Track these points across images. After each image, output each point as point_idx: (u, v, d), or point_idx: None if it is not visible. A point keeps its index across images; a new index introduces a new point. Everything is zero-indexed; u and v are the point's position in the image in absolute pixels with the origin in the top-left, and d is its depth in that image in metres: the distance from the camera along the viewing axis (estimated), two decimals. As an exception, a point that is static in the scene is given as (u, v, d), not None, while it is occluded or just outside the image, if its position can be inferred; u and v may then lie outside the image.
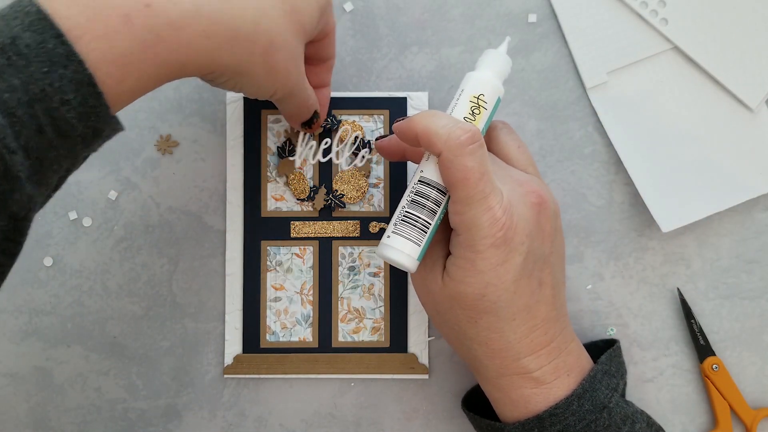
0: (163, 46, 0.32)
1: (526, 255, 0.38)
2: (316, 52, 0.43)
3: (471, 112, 0.39)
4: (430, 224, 0.39)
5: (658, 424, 0.42)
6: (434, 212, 0.39)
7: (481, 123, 0.39)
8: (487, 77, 0.40)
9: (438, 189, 0.39)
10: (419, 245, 0.38)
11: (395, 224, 0.39)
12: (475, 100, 0.39)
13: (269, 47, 0.36)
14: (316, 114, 0.44)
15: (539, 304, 0.39)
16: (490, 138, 0.43)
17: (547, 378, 0.40)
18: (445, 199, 0.39)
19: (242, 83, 0.37)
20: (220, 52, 0.34)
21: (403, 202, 0.39)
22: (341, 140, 0.48)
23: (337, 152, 0.48)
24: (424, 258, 0.40)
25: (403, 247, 0.38)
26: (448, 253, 0.39)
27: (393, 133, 0.41)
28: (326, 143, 0.47)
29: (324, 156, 0.48)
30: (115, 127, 0.33)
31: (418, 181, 0.39)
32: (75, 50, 0.30)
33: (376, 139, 0.46)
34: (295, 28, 0.37)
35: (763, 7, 0.48)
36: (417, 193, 0.39)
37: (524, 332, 0.39)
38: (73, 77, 0.30)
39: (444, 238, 0.40)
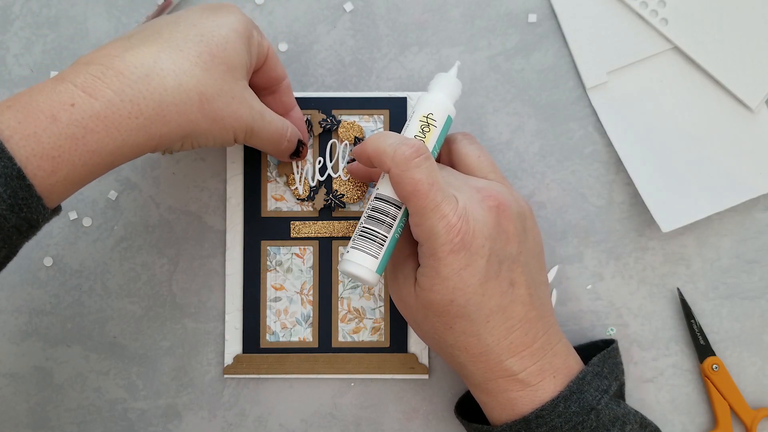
0: (91, 136, 0.34)
1: (488, 257, 0.38)
2: (265, 79, 0.44)
3: (421, 131, 0.41)
4: (387, 237, 0.40)
5: (654, 425, 0.42)
6: (390, 226, 0.40)
7: (431, 140, 0.41)
8: (437, 98, 0.42)
9: (393, 204, 0.40)
10: (377, 258, 0.40)
11: (354, 240, 0.40)
12: (425, 119, 0.41)
13: (203, 101, 0.37)
14: (300, 143, 0.45)
15: (514, 304, 0.40)
16: (450, 151, 0.44)
17: (532, 380, 0.40)
18: (401, 213, 0.40)
19: (197, 141, 0.39)
20: (153, 126, 0.36)
21: (361, 218, 0.40)
22: (334, 150, 0.48)
23: (333, 165, 0.48)
24: (398, 273, 0.42)
25: (362, 261, 0.40)
26: (418, 266, 0.40)
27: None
28: (320, 162, 0.48)
29: (322, 174, 0.48)
30: (50, 217, 0.35)
31: (374, 197, 0.40)
32: (5, 147, 0.32)
33: (347, 163, 0.48)
34: (223, 71, 0.38)
35: (763, 7, 0.48)
36: (373, 209, 0.40)
37: (502, 334, 0.40)
38: (3, 172, 0.32)
39: (413, 253, 0.41)
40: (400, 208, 0.40)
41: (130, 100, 0.35)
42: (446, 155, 0.45)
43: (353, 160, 0.47)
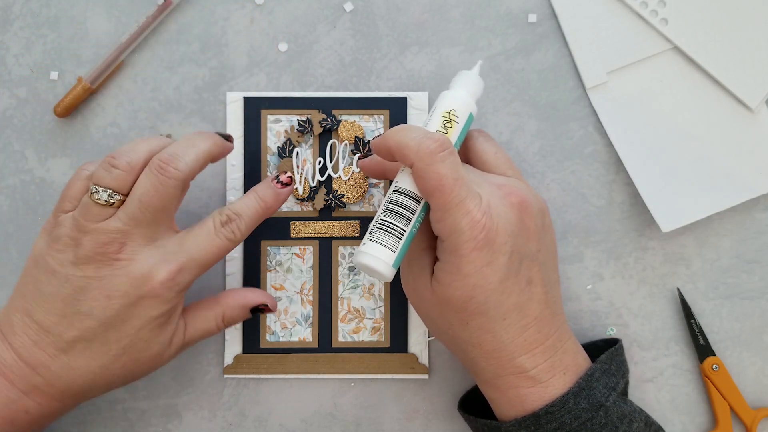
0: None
1: (510, 255, 0.38)
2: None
3: (443, 126, 0.41)
4: (405, 231, 0.39)
5: (657, 423, 0.42)
6: (409, 220, 0.39)
7: (453, 137, 0.41)
8: (459, 95, 0.42)
9: (412, 197, 0.39)
10: (394, 252, 0.39)
11: (371, 232, 0.39)
12: (447, 115, 0.41)
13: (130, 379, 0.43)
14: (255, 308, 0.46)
15: (530, 302, 0.40)
16: (467, 148, 0.44)
17: (542, 377, 0.40)
18: (420, 207, 0.40)
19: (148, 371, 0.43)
20: (70, 403, 0.42)
21: (379, 211, 0.40)
22: (334, 150, 0.48)
23: (334, 166, 0.48)
24: (413, 266, 0.41)
25: (379, 253, 0.39)
26: (435, 260, 0.40)
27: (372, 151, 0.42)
28: (320, 162, 0.48)
29: (322, 174, 0.48)
30: None
31: (393, 190, 0.40)
32: None
33: (358, 158, 0.47)
34: (143, 359, 0.42)
35: (763, 7, 0.48)
36: (392, 202, 0.39)
37: (517, 331, 0.39)
38: None
39: (430, 246, 0.41)
40: (419, 202, 0.39)
41: (57, 408, 0.42)
42: (462, 152, 0.44)
43: (364, 155, 0.47)
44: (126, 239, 0.40)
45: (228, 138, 0.43)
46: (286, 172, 0.44)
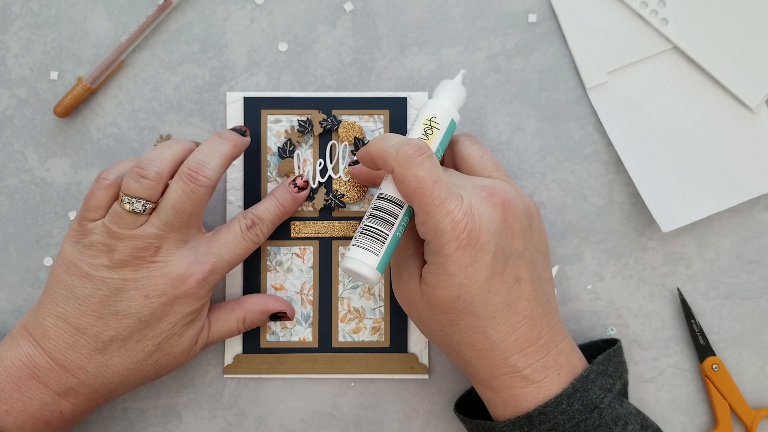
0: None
1: (494, 253, 0.39)
2: None
3: (424, 133, 0.42)
4: (389, 235, 0.40)
5: (655, 425, 0.42)
6: (392, 225, 0.40)
7: (434, 143, 0.42)
8: (440, 103, 0.43)
9: (395, 203, 0.40)
10: (378, 256, 0.40)
11: (355, 237, 0.40)
12: (428, 122, 0.42)
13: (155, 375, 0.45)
14: (276, 315, 0.47)
15: (519, 300, 0.40)
16: (453, 152, 0.45)
17: (536, 376, 0.40)
18: (402, 211, 0.40)
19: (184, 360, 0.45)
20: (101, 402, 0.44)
21: (364, 217, 0.41)
22: (334, 151, 0.48)
23: (334, 166, 0.48)
24: (402, 272, 0.42)
25: (363, 258, 0.40)
26: (423, 264, 0.41)
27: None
28: (320, 164, 0.48)
29: (322, 176, 0.48)
30: None
31: (377, 197, 0.41)
32: None
33: (349, 164, 0.48)
34: (166, 361, 0.44)
35: (763, 7, 0.49)
36: (376, 208, 0.40)
37: (507, 330, 0.40)
38: None
39: (417, 252, 0.42)
40: (402, 207, 0.40)
41: (92, 406, 0.44)
42: (449, 157, 0.45)
43: (355, 162, 0.48)
44: (161, 243, 0.42)
45: (244, 132, 0.46)
46: (301, 176, 0.47)
